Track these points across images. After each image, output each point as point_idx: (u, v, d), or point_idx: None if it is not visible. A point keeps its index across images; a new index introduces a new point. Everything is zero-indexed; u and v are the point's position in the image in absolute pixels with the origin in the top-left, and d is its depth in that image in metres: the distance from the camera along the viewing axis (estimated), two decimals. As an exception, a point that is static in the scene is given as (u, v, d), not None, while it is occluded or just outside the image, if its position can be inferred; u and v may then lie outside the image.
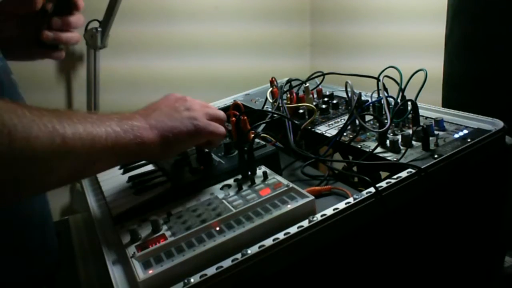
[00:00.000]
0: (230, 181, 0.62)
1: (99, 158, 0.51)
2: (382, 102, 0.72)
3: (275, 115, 0.74)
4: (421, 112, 0.73)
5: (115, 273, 0.50)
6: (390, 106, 0.72)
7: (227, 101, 1.05)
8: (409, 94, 0.73)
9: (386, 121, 0.67)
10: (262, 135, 0.75)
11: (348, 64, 1.76)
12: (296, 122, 0.79)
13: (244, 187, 0.59)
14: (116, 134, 0.51)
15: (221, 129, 0.62)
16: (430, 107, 0.77)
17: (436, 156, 0.59)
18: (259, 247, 0.47)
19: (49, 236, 0.76)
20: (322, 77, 0.92)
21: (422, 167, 0.57)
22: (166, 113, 0.59)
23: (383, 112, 0.74)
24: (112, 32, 1.54)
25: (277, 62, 1.93)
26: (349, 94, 0.79)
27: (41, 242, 0.73)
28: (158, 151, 0.56)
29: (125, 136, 0.52)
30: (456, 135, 0.65)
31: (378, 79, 0.77)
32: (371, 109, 0.78)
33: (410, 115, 0.72)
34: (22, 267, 0.67)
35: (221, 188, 0.61)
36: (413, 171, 0.56)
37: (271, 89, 0.93)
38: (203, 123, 0.60)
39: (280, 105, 0.82)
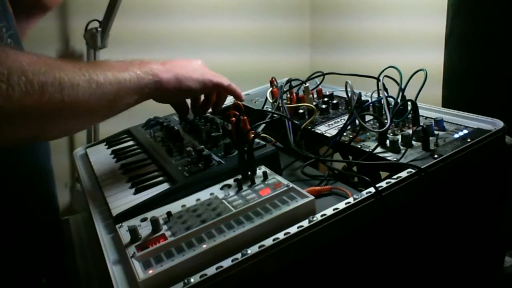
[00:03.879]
0: (230, 181, 0.62)
1: (126, 96, 0.63)
2: (382, 102, 0.72)
3: (275, 115, 0.74)
4: (421, 112, 0.73)
5: (115, 273, 0.50)
6: (390, 106, 0.72)
7: (227, 101, 1.04)
8: (409, 91, 0.73)
9: (386, 121, 0.67)
10: (262, 135, 0.75)
11: (348, 60, 1.76)
12: (296, 122, 0.78)
13: (244, 187, 0.59)
14: (137, 76, 0.64)
15: (224, 80, 0.77)
16: (430, 107, 0.77)
17: (436, 156, 0.59)
18: (259, 247, 0.47)
19: (52, 226, 0.80)
20: (322, 77, 0.92)
21: (422, 167, 0.56)
22: (180, 64, 0.73)
23: (383, 112, 0.74)
24: (112, 30, 1.54)
25: (277, 58, 1.93)
26: (349, 94, 0.79)
27: (42, 233, 0.76)
28: (172, 91, 0.69)
29: (145, 77, 0.65)
30: (456, 135, 0.65)
31: (378, 79, 0.77)
32: (371, 109, 0.78)
33: (410, 115, 0.72)
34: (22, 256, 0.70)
35: (221, 188, 0.61)
36: (413, 171, 0.56)
37: (271, 89, 0.93)
38: (210, 76, 0.75)
39: (280, 105, 0.82)
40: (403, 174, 0.56)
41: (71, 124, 0.60)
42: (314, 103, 0.86)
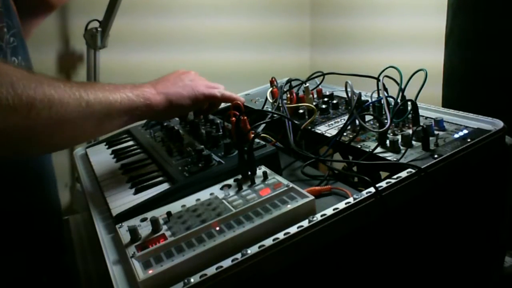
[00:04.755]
0: (230, 181, 0.62)
1: (116, 117, 0.63)
2: (382, 102, 0.72)
3: (275, 115, 0.74)
4: (421, 112, 0.73)
5: (115, 273, 0.50)
6: (390, 106, 0.72)
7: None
8: (409, 91, 0.73)
9: (386, 121, 0.67)
10: (262, 135, 0.75)
11: (348, 59, 1.76)
12: (296, 122, 0.78)
13: (244, 187, 0.59)
14: (129, 99, 0.64)
15: (216, 91, 0.77)
16: (430, 107, 0.77)
17: (436, 156, 0.59)
18: (259, 247, 0.47)
19: (53, 224, 0.80)
20: (322, 77, 0.92)
21: (422, 167, 0.56)
22: (172, 82, 0.73)
23: (383, 112, 0.74)
24: (112, 30, 1.54)
25: (277, 57, 1.93)
26: (349, 94, 0.79)
27: (45, 230, 0.77)
28: (163, 111, 0.70)
29: (136, 100, 0.65)
30: (456, 135, 0.65)
31: (378, 79, 0.77)
32: (371, 109, 0.78)
33: (410, 115, 0.72)
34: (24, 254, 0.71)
35: (221, 188, 0.61)
36: (413, 171, 0.56)
37: (271, 89, 0.93)
38: (202, 89, 0.75)
39: (280, 105, 0.82)
40: (403, 174, 0.56)
41: (56, 141, 0.60)
42: (314, 103, 0.86)
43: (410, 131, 0.68)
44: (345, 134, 0.73)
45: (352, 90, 0.77)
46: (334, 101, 0.87)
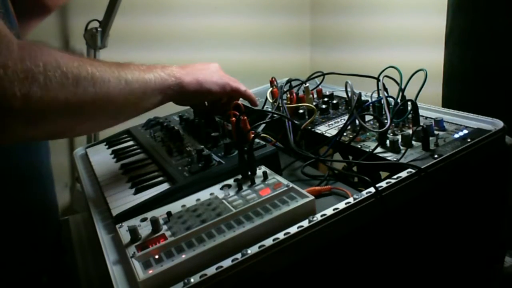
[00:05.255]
0: (230, 181, 0.62)
1: (151, 96, 0.66)
2: (382, 102, 0.72)
3: (275, 115, 0.74)
4: (421, 112, 0.73)
5: (115, 273, 0.50)
6: (390, 106, 0.72)
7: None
8: (410, 90, 0.73)
9: (386, 121, 0.67)
10: (262, 135, 0.75)
11: (349, 59, 1.76)
12: (296, 122, 0.78)
13: (244, 187, 0.59)
14: (161, 78, 0.67)
15: (241, 85, 0.80)
16: (430, 107, 0.77)
17: (436, 156, 0.59)
18: (259, 247, 0.47)
19: (50, 226, 0.81)
20: (322, 77, 0.92)
21: (422, 167, 0.57)
22: (198, 68, 0.76)
23: (383, 112, 0.74)
24: (112, 30, 1.54)
25: (277, 57, 1.93)
26: (349, 94, 0.79)
27: (41, 231, 0.77)
28: (193, 93, 0.72)
29: (168, 79, 0.68)
30: (456, 135, 0.65)
31: (378, 79, 0.77)
32: (371, 109, 0.78)
33: (410, 115, 0.72)
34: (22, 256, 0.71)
35: (221, 188, 0.61)
36: (413, 171, 0.56)
37: (271, 89, 0.93)
38: (227, 80, 0.78)
39: (280, 105, 0.82)
40: (403, 174, 0.56)
41: (100, 120, 0.62)
42: (314, 103, 0.86)
43: (410, 131, 0.68)
44: (345, 134, 0.73)
45: (352, 90, 0.77)
46: (334, 101, 0.87)
